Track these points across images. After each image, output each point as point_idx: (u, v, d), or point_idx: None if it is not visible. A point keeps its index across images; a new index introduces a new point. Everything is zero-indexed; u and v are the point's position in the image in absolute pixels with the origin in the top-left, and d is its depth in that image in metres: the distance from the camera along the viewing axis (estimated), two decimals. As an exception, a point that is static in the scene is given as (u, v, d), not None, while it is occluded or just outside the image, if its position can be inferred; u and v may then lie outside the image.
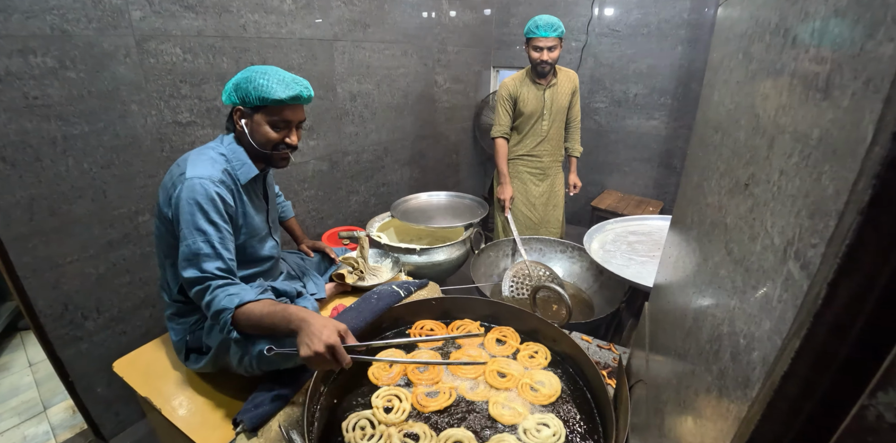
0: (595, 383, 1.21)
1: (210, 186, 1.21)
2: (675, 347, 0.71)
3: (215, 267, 1.17)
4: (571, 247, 2.28)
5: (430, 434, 1.12)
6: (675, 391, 0.64)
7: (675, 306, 0.81)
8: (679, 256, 0.84)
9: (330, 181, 2.65)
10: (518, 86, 2.60)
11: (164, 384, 1.41)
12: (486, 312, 1.57)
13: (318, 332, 1.04)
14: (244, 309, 1.13)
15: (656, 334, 0.96)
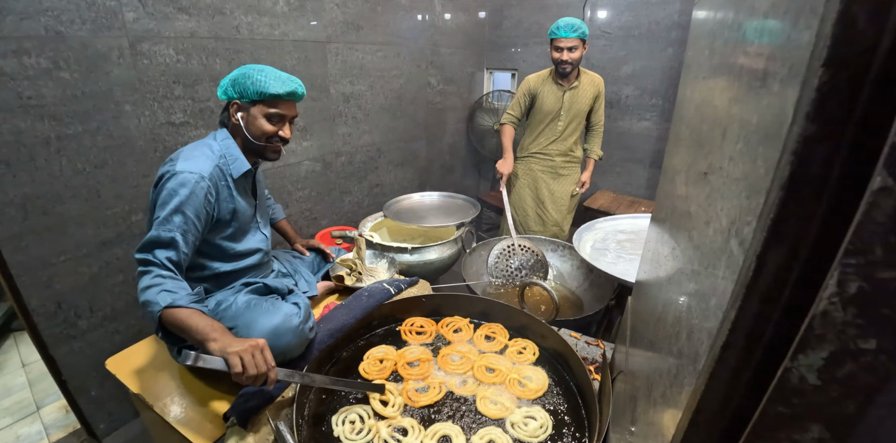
0: (581, 378, 1.24)
1: (197, 181, 1.25)
2: (649, 336, 0.73)
3: (166, 256, 1.20)
4: (562, 246, 2.31)
5: (419, 428, 1.14)
6: (646, 378, 0.66)
7: (650, 297, 0.83)
8: (655, 249, 0.87)
9: (323, 182, 2.67)
10: (540, 83, 2.64)
11: (157, 381, 1.42)
12: (475, 310, 1.59)
13: (241, 339, 1.06)
14: (172, 311, 1.11)
15: (636, 327, 0.99)
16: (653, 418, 0.54)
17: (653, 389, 0.59)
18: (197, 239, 1.29)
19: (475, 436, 1.11)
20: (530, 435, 1.13)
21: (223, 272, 1.43)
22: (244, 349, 1.01)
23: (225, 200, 1.36)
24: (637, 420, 0.66)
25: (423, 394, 1.23)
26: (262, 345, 1.04)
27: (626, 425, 0.77)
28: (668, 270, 0.65)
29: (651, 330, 0.72)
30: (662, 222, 0.80)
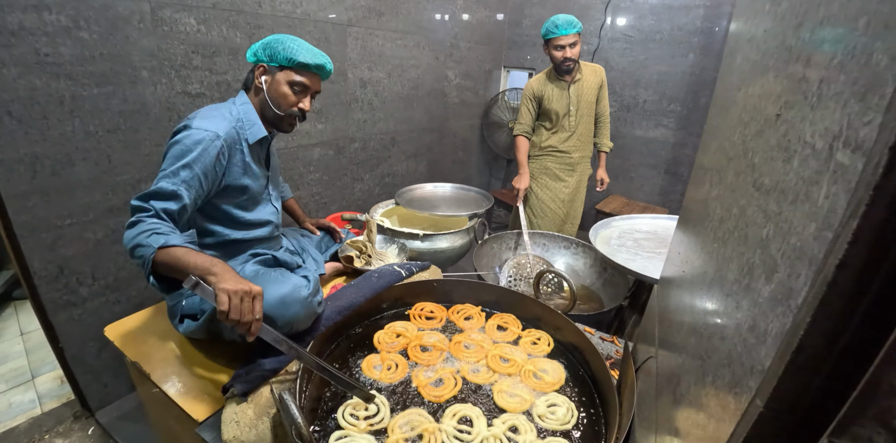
0: (599, 372, 1.19)
1: (212, 139, 1.22)
2: (684, 334, 0.69)
3: (163, 207, 1.14)
4: (575, 243, 2.26)
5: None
6: (682, 373, 0.62)
7: (687, 294, 0.79)
8: (697, 220, 0.82)
9: (335, 167, 2.64)
10: (542, 85, 2.60)
11: (155, 351, 1.38)
12: (487, 298, 1.54)
13: (241, 281, 1.00)
14: (167, 250, 1.05)
15: (667, 324, 0.94)
16: (702, 410, 0.50)
17: (693, 384, 0.56)
18: (200, 198, 1.24)
19: (497, 420, 1.07)
20: (561, 422, 1.08)
21: (232, 240, 1.39)
22: (236, 290, 0.96)
23: (237, 165, 1.32)
24: (671, 416, 0.61)
25: (440, 388, 1.17)
26: (255, 292, 0.99)
27: (654, 420, 0.73)
28: (725, 227, 0.61)
29: (689, 327, 0.68)
30: (711, 189, 0.75)
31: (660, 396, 0.75)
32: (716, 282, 0.55)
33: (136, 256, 1.06)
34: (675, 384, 0.66)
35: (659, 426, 0.69)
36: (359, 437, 0.98)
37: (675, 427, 0.60)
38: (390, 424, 1.04)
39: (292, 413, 0.78)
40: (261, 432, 0.96)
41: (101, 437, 1.88)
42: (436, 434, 1.03)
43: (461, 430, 1.03)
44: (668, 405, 0.65)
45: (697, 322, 0.61)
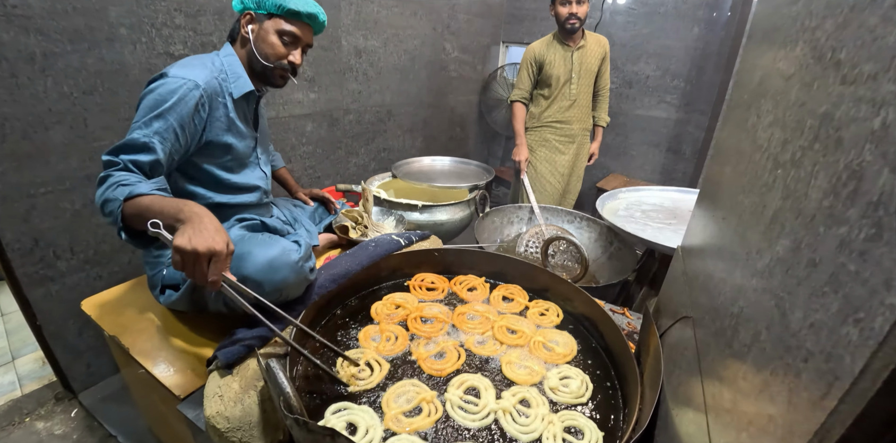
0: (615, 342, 1.10)
1: (189, 88, 1.11)
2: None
3: (131, 159, 1.04)
4: (579, 217, 2.18)
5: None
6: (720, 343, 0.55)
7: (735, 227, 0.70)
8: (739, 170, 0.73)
9: (329, 139, 2.52)
10: (545, 49, 2.47)
11: (136, 324, 1.28)
12: (492, 268, 1.45)
13: (210, 233, 0.87)
14: (135, 200, 0.96)
15: (700, 290, 0.85)
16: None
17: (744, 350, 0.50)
18: (178, 153, 1.14)
19: (506, 392, 0.99)
20: (576, 396, 1.01)
21: (216, 204, 1.29)
22: (191, 250, 0.84)
23: (219, 120, 1.21)
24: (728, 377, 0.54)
25: (441, 361, 1.09)
26: (215, 253, 0.86)
27: (696, 385, 0.66)
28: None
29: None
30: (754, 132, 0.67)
31: (706, 356, 0.66)
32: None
33: (106, 213, 0.97)
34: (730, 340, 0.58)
35: (709, 391, 0.61)
36: (357, 409, 0.90)
37: (738, 387, 0.52)
38: (384, 399, 0.96)
39: (280, 383, 0.69)
40: (247, 406, 0.87)
41: (84, 419, 1.80)
42: (434, 402, 0.95)
43: (467, 401, 0.95)
44: (724, 367, 0.57)
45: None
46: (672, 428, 0.74)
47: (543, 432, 0.90)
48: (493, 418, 0.93)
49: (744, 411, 0.49)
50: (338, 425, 0.85)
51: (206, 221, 0.89)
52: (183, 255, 0.85)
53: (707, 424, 0.58)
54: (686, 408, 0.70)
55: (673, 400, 0.78)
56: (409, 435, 0.86)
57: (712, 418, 0.57)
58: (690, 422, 0.65)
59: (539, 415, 0.94)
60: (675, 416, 0.75)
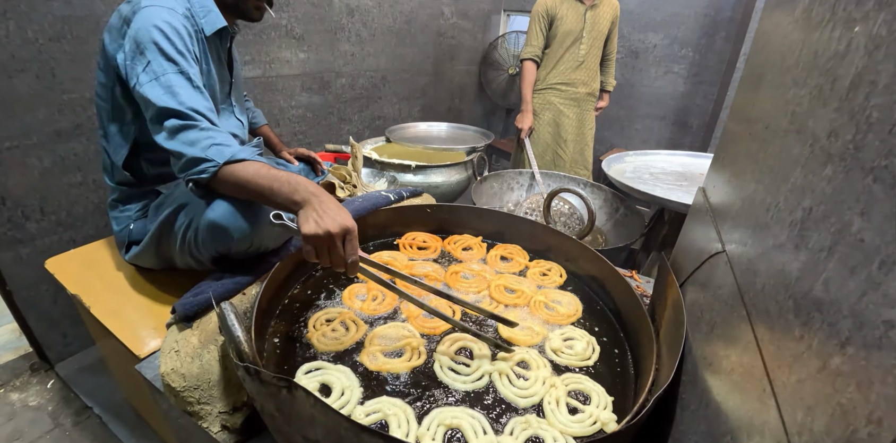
0: (626, 300, 1.00)
1: (174, 15, 0.97)
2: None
3: (202, 104, 0.92)
4: (583, 183, 2.05)
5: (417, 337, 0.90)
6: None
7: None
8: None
9: (320, 104, 2.39)
10: (558, 2, 2.32)
11: (101, 283, 1.18)
12: (489, 228, 1.35)
13: (334, 211, 0.81)
14: (236, 166, 0.87)
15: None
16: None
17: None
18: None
19: (503, 353, 0.89)
20: (581, 358, 0.91)
21: None
22: (323, 234, 0.78)
23: (200, 66, 1.08)
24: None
25: (434, 320, 0.98)
26: (347, 229, 0.80)
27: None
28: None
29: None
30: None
31: (749, 291, 0.56)
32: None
33: (195, 172, 0.87)
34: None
35: (762, 328, 0.51)
36: (333, 369, 0.80)
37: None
38: (369, 336, 0.88)
39: (230, 326, 0.58)
40: (205, 362, 0.77)
41: (60, 390, 1.72)
42: (420, 350, 0.86)
43: (459, 362, 0.84)
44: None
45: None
46: (703, 382, 0.64)
47: (545, 397, 0.80)
48: (487, 381, 0.83)
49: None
50: (309, 386, 0.74)
51: (326, 199, 0.83)
52: (316, 241, 0.79)
53: (764, 366, 0.48)
54: (726, 356, 0.60)
55: (705, 351, 0.67)
56: (391, 398, 0.75)
57: (771, 358, 0.48)
58: (735, 370, 0.56)
59: (540, 378, 0.84)
60: (708, 368, 0.64)
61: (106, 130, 1.11)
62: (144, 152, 1.12)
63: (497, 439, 0.69)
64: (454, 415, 0.71)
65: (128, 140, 1.08)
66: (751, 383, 0.51)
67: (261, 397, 0.57)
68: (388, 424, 0.70)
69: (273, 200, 0.85)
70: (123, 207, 1.18)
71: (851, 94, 0.42)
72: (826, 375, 0.38)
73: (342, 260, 0.81)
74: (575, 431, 0.73)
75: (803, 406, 0.40)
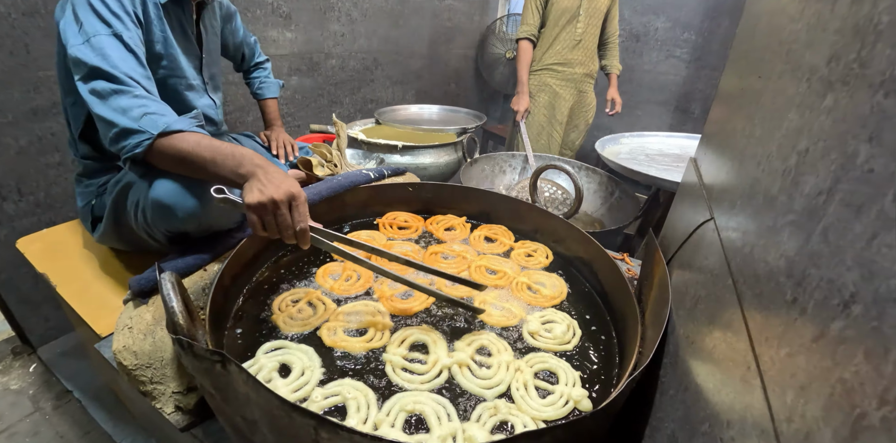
0: (612, 281, 0.95)
1: None
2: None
3: (134, 70, 0.86)
4: (577, 166, 2.00)
5: (382, 328, 0.85)
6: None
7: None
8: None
9: (309, 86, 2.33)
10: None
11: (71, 263, 1.15)
12: (473, 208, 1.30)
13: (279, 179, 0.77)
14: (174, 137, 0.81)
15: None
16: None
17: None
18: (145, 55, 0.94)
19: (459, 342, 0.83)
20: (559, 342, 0.86)
21: None
22: (265, 202, 0.74)
23: (153, 33, 1.01)
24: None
25: (408, 300, 0.94)
26: (293, 196, 0.76)
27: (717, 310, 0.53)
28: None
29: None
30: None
31: (735, 258, 0.52)
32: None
33: (128, 144, 0.81)
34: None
35: (750, 306, 0.46)
36: (295, 349, 0.75)
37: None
38: (335, 313, 0.84)
39: (166, 295, 0.53)
40: (158, 340, 0.73)
41: (42, 374, 1.69)
42: (385, 333, 0.81)
43: (412, 359, 0.78)
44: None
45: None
46: (684, 363, 0.59)
47: (511, 383, 0.75)
48: (447, 376, 0.76)
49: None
50: (268, 366, 0.70)
51: (272, 170, 0.79)
52: (259, 210, 0.75)
53: (749, 339, 0.43)
54: (709, 332, 0.55)
55: (687, 329, 0.63)
56: (353, 381, 0.71)
57: (758, 329, 0.43)
58: (717, 347, 0.51)
59: (503, 363, 0.78)
60: (689, 347, 0.60)
61: (65, 101, 1.07)
62: None
63: (462, 425, 0.65)
64: (417, 400, 0.67)
65: (83, 112, 1.03)
66: (733, 360, 0.46)
67: (197, 374, 0.53)
68: (347, 407, 0.65)
69: (216, 175, 0.80)
70: (88, 181, 1.13)
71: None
72: (824, 344, 0.32)
73: (290, 228, 0.77)
74: (549, 415, 0.69)
75: (794, 385, 0.34)
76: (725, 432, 0.43)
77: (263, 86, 1.60)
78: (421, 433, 0.63)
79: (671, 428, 0.57)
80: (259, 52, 1.62)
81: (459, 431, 0.63)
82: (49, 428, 1.51)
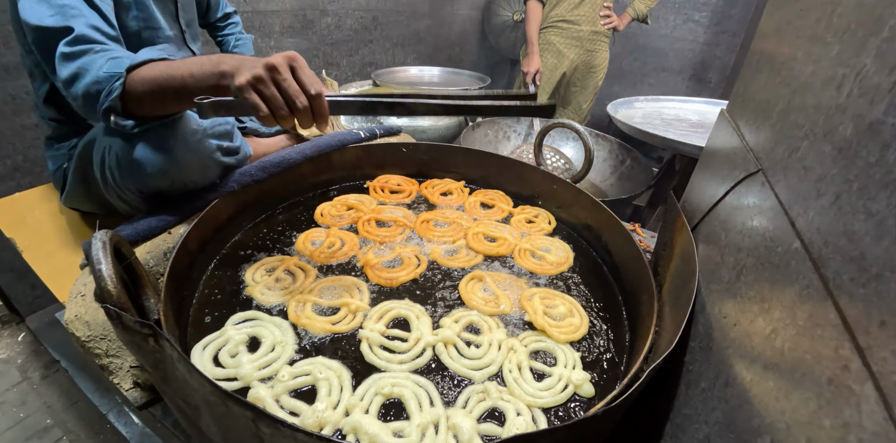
0: (625, 250, 0.86)
1: None
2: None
3: (91, 25, 0.75)
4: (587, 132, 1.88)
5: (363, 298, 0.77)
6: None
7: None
8: None
9: (304, 46, 2.20)
10: None
11: (42, 227, 1.08)
12: (473, 172, 1.20)
13: (252, 59, 0.65)
14: (142, 69, 0.71)
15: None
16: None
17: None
18: (111, 8, 0.83)
19: (446, 318, 0.74)
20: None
21: None
22: (257, 76, 0.61)
23: None
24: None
25: (395, 269, 0.85)
26: (285, 62, 0.63)
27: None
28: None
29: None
30: None
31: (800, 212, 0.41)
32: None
33: (98, 98, 0.71)
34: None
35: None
36: (268, 322, 0.68)
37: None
38: (313, 285, 0.76)
39: (93, 258, 0.45)
40: (113, 308, 0.65)
41: (31, 344, 1.65)
42: (357, 316, 0.72)
43: (392, 337, 0.70)
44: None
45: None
46: (723, 350, 0.49)
47: (504, 364, 0.66)
48: (430, 356, 0.68)
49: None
50: (235, 338, 0.63)
51: (243, 59, 0.66)
52: (258, 82, 0.62)
53: (845, 324, 0.31)
54: (764, 311, 0.44)
55: (725, 307, 0.52)
56: (328, 359, 0.63)
57: (859, 312, 0.30)
58: (780, 333, 0.40)
59: (494, 342, 0.70)
60: (731, 329, 0.50)
61: (28, 64, 0.96)
62: None
63: (446, 412, 0.57)
64: (395, 383, 0.59)
65: (45, 76, 0.94)
66: (814, 352, 0.34)
67: (130, 348, 0.45)
68: (318, 389, 0.58)
69: (199, 86, 0.68)
70: (58, 144, 1.05)
71: None
72: None
73: (300, 94, 0.63)
74: (546, 401, 0.61)
75: None
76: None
77: (240, 43, 1.47)
78: (400, 421, 0.56)
79: (704, 432, 0.48)
80: (226, 1, 1.47)
81: (443, 418, 0.55)
82: (37, 398, 1.47)
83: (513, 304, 0.80)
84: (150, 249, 0.75)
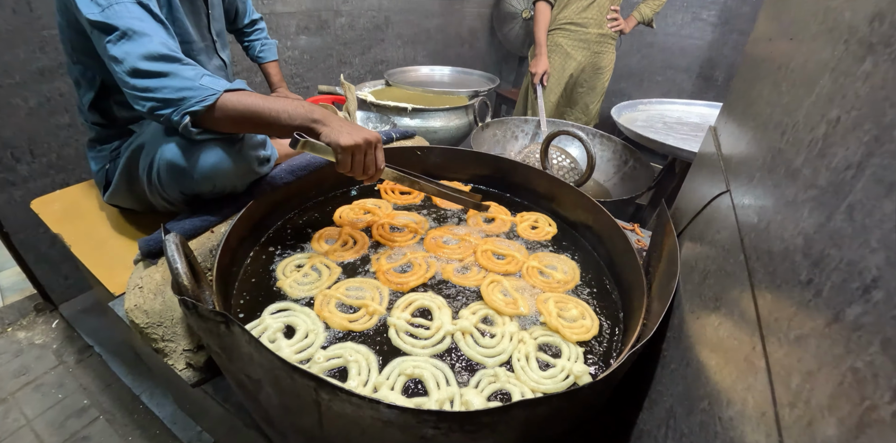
0: (621, 251, 0.94)
1: None
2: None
3: (173, 44, 0.83)
4: (591, 133, 1.95)
5: (383, 290, 0.86)
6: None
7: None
8: None
9: (318, 45, 2.28)
10: None
11: (85, 223, 1.18)
12: (484, 174, 1.28)
13: (353, 125, 0.87)
14: (240, 94, 0.81)
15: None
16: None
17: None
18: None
19: (465, 310, 0.83)
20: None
21: None
22: (357, 144, 0.83)
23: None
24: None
25: (406, 274, 0.92)
26: (375, 140, 0.87)
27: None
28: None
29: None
30: None
31: (750, 234, 0.51)
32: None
33: (187, 105, 0.79)
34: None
35: (761, 284, 0.45)
36: (300, 311, 0.77)
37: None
38: (342, 282, 0.86)
39: (170, 257, 0.54)
40: (168, 299, 0.74)
41: (64, 330, 1.76)
42: (374, 319, 0.81)
43: (416, 324, 0.79)
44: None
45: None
46: (688, 338, 0.59)
47: (514, 353, 0.75)
48: (449, 343, 0.77)
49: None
50: (273, 326, 0.72)
51: (342, 120, 0.87)
52: (355, 150, 0.84)
53: (758, 318, 0.42)
54: (716, 308, 0.54)
55: (693, 304, 0.62)
56: (356, 344, 0.72)
57: (768, 308, 0.42)
58: (723, 325, 0.50)
59: (507, 333, 0.79)
60: (695, 322, 0.59)
61: (73, 70, 1.04)
62: (115, 94, 1.05)
63: (460, 390, 0.66)
64: (416, 365, 0.68)
65: (94, 84, 1.01)
66: (739, 339, 0.45)
67: (203, 334, 0.54)
68: (348, 369, 0.67)
69: (288, 124, 0.83)
70: (101, 147, 1.13)
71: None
72: (838, 329, 0.30)
73: (373, 166, 0.88)
74: (548, 387, 0.70)
75: (801, 370, 0.32)
76: (724, 411, 0.42)
77: (265, 48, 1.56)
78: (420, 397, 0.65)
79: (670, 402, 0.57)
80: (252, 8, 1.55)
81: (457, 395, 0.64)
82: (73, 380, 1.58)
83: (530, 307, 0.87)
84: (196, 247, 0.84)
